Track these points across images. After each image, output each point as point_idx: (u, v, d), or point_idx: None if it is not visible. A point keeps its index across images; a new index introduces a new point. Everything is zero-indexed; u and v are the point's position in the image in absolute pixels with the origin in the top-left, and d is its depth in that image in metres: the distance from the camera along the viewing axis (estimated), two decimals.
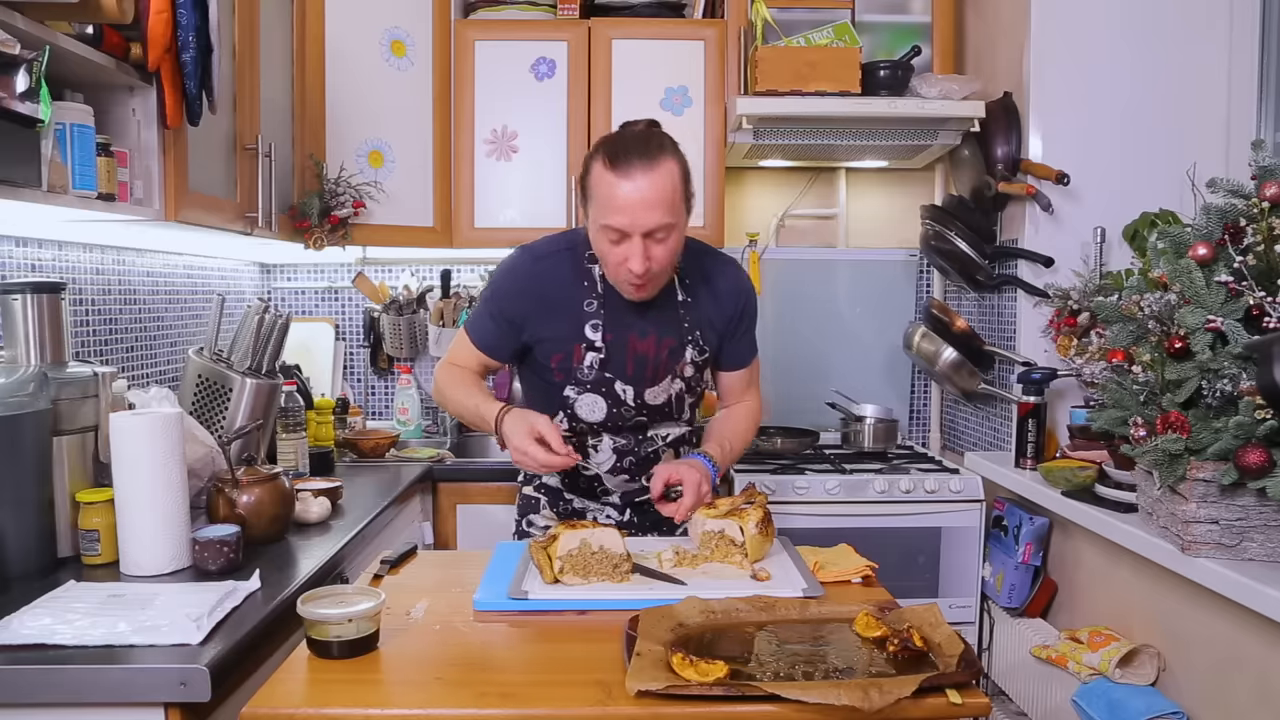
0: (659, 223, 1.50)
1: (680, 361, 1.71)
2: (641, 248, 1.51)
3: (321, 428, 2.56)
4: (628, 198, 1.48)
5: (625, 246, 1.52)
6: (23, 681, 1.14)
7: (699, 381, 1.77)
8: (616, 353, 1.67)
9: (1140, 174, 2.40)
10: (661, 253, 1.54)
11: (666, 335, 1.69)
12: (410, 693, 1.07)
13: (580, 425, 1.70)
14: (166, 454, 1.50)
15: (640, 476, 1.77)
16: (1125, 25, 2.42)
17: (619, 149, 1.52)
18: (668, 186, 1.50)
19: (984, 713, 1.07)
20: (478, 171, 2.78)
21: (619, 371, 1.68)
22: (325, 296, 3.14)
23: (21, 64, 1.30)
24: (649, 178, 1.49)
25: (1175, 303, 1.65)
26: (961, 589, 2.50)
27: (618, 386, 1.68)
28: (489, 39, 2.76)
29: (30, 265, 1.89)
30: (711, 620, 1.25)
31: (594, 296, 1.66)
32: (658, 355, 1.69)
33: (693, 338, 1.72)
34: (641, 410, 1.71)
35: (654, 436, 1.76)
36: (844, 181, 3.11)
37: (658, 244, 1.53)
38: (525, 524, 1.84)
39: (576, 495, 1.81)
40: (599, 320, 1.66)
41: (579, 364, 1.66)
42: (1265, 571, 1.53)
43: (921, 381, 3.14)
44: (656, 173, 1.49)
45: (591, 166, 1.55)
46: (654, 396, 1.71)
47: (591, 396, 1.68)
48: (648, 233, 1.50)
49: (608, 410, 1.69)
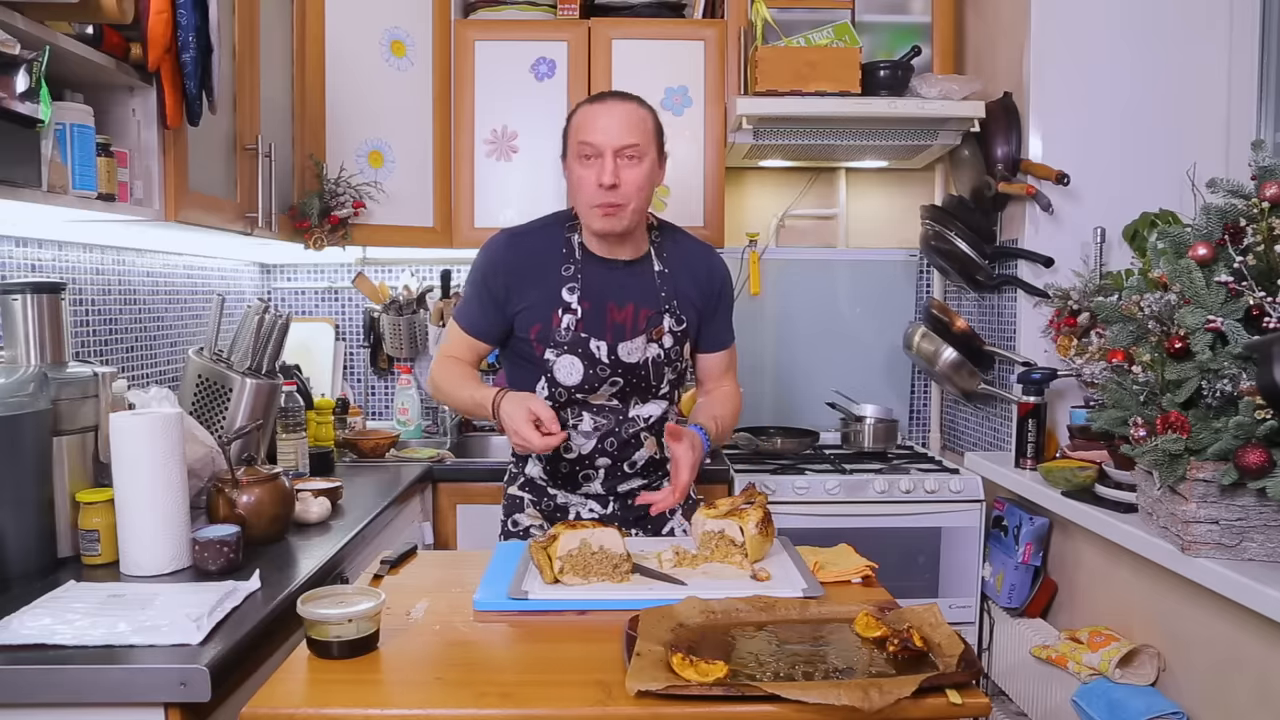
0: (629, 140, 1.64)
1: (657, 326, 1.75)
2: (612, 165, 1.63)
3: (321, 428, 2.56)
4: (599, 116, 1.65)
5: (596, 165, 1.64)
6: (23, 681, 1.14)
7: (678, 356, 1.79)
8: (594, 319, 1.72)
9: (1140, 174, 2.40)
10: (631, 176, 1.64)
11: (644, 305, 1.75)
12: (410, 693, 1.07)
13: (559, 391, 1.73)
14: (166, 454, 1.50)
15: (623, 461, 1.78)
16: (1125, 25, 2.42)
17: (599, 94, 1.73)
18: (639, 116, 1.68)
19: (984, 713, 1.07)
20: (478, 171, 2.78)
21: (595, 333, 1.72)
22: (325, 296, 3.14)
23: (21, 64, 1.29)
24: (623, 105, 1.67)
25: (1175, 303, 1.65)
26: (961, 589, 2.50)
27: (593, 344, 1.71)
28: (489, 39, 2.76)
29: (30, 265, 1.89)
30: (711, 620, 1.25)
31: (571, 262, 1.73)
32: (635, 325, 1.74)
33: (669, 307, 1.76)
34: (617, 369, 1.73)
35: (635, 418, 1.78)
36: (844, 181, 3.11)
37: (628, 165, 1.64)
38: (510, 524, 1.86)
39: (559, 489, 1.83)
40: (575, 284, 1.72)
41: (556, 326, 1.71)
42: (1265, 571, 1.53)
43: (921, 381, 3.14)
44: (630, 103, 1.68)
45: (573, 114, 1.72)
46: (628, 353, 1.72)
47: (569, 358, 1.71)
48: (618, 150, 1.63)
49: (584, 371, 1.71)
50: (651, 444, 1.81)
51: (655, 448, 1.82)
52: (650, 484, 1.84)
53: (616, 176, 1.63)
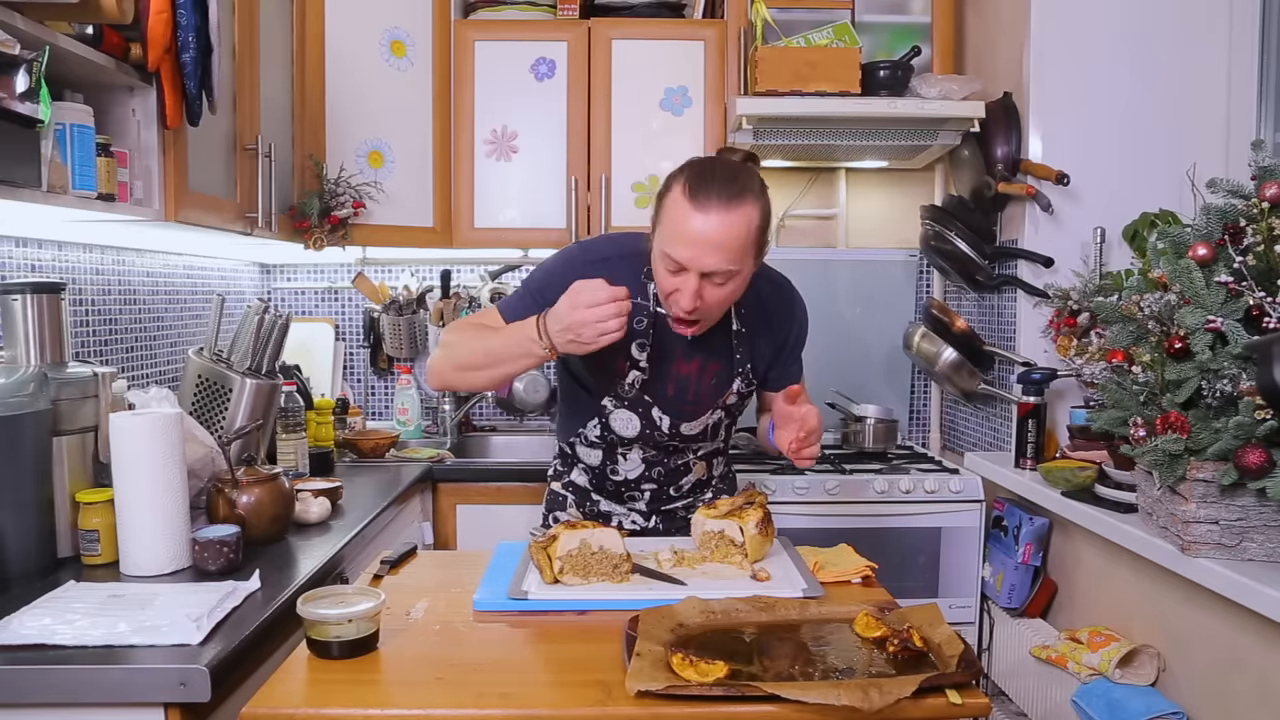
0: (719, 267, 1.44)
1: (726, 392, 1.68)
2: (695, 286, 1.45)
3: (321, 428, 2.56)
4: (695, 233, 1.42)
5: (680, 279, 1.46)
6: (22, 681, 1.14)
7: (739, 409, 1.75)
8: (659, 373, 1.62)
9: (1140, 174, 2.40)
10: (715, 296, 1.48)
11: (712, 360, 1.65)
12: (410, 693, 1.07)
13: (612, 437, 1.69)
14: (166, 454, 1.50)
15: (669, 486, 1.76)
16: (1125, 25, 2.42)
17: (703, 179, 1.44)
18: (740, 232, 1.43)
19: (984, 713, 1.07)
20: (478, 171, 2.78)
21: (658, 394, 1.64)
22: (325, 297, 3.14)
23: (21, 64, 1.30)
24: (723, 218, 1.41)
25: (1175, 303, 1.65)
26: (961, 589, 2.50)
27: (654, 413, 1.64)
28: (489, 39, 2.76)
29: (30, 265, 1.89)
30: (711, 620, 1.25)
31: (645, 315, 1.59)
32: (700, 381, 1.65)
33: (742, 370, 1.67)
34: (675, 438, 1.69)
35: (684, 448, 1.74)
36: (844, 182, 3.11)
37: (715, 287, 1.47)
38: (551, 519, 1.82)
39: (604, 497, 1.80)
40: (646, 341, 1.60)
41: (620, 379, 1.62)
42: (1265, 571, 1.53)
43: (921, 381, 3.14)
44: (732, 215, 1.42)
45: (671, 187, 1.48)
46: (690, 429, 1.67)
47: (627, 413, 1.65)
48: (706, 274, 1.45)
49: (640, 429, 1.66)
50: (700, 468, 1.78)
51: (704, 470, 1.79)
52: (695, 502, 1.79)
53: (699, 298, 1.46)
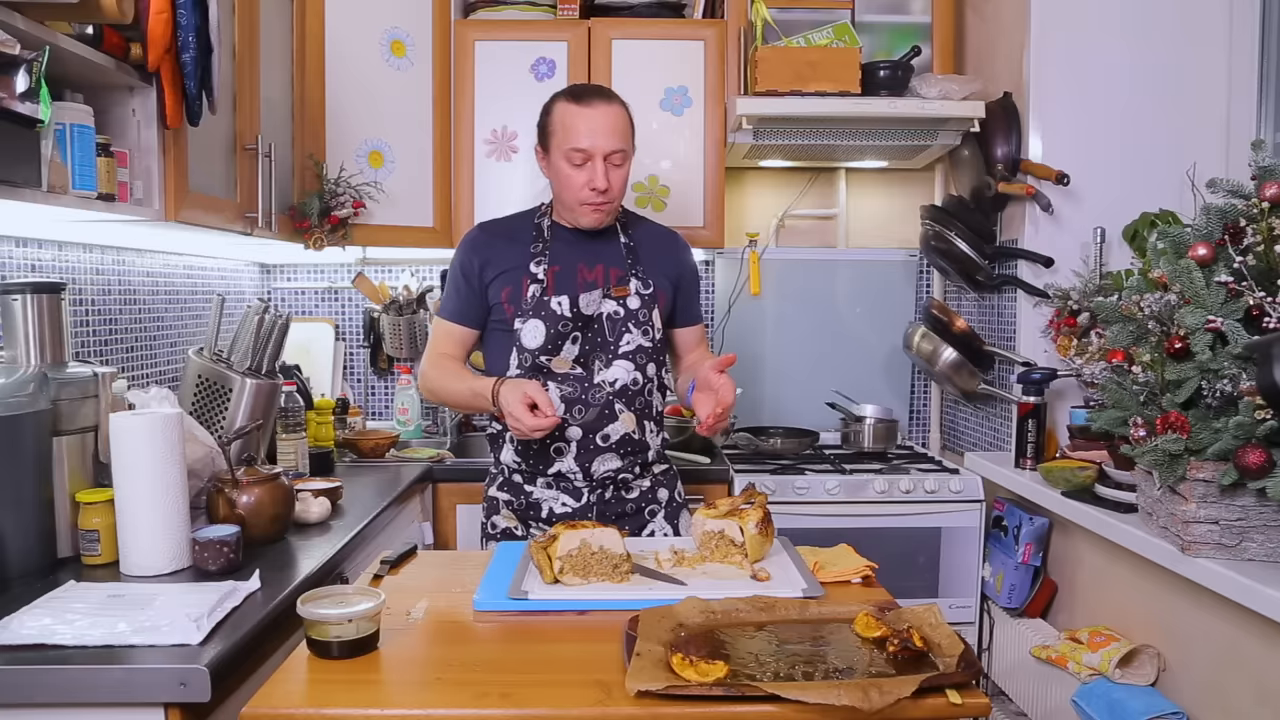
0: (617, 147, 1.77)
1: (623, 285, 1.85)
2: (603, 167, 1.76)
3: (321, 428, 2.56)
4: (590, 122, 1.76)
5: (588, 169, 1.77)
6: (23, 681, 1.14)
7: (646, 320, 1.84)
8: (565, 280, 1.82)
9: (1140, 174, 2.40)
10: (617, 178, 1.79)
11: (613, 266, 1.87)
12: (410, 693, 1.07)
13: (525, 357, 1.80)
14: (166, 454, 1.50)
15: (595, 433, 1.80)
16: (1125, 25, 2.42)
17: (580, 88, 1.85)
18: (625, 116, 1.81)
19: (984, 713, 1.07)
20: (478, 171, 2.78)
21: (562, 291, 1.81)
22: (325, 297, 3.14)
23: (21, 64, 1.29)
24: (609, 108, 1.79)
25: (1175, 303, 1.65)
26: (961, 589, 2.50)
27: (554, 302, 1.80)
28: (489, 39, 2.76)
29: (30, 265, 1.89)
30: (711, 620, 1.25)
31: (540, 240, 1.87)
32: (605, 281, 1.85)
33: (636, 271, 1.88)
34: (577, 322, 1.79)
35: (600, 383, 1.80)
36: (844, 181, 3.11)
37: (614, 169, 1.78)
38: (490, 526, 1.91)
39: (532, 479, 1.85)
40: (543, 258, 1.84)
41: (524, 296, 1.81)
42: (1265, 571, 1.53)
43: (921, 381, 3.14)
44: (613, 107, 1.80)
45: (553, 108, 1.82)
46: (587, 304, 1.81)
47: (533, 322, 1.80)
48: (607, 155, 1.76)
49: (545, 331, 1.79)
50: (628, 420, 1.82)
51: (632, 424, 1.82)
52: (627, 464, 1.84)
53: (607, 180, 1.77)
